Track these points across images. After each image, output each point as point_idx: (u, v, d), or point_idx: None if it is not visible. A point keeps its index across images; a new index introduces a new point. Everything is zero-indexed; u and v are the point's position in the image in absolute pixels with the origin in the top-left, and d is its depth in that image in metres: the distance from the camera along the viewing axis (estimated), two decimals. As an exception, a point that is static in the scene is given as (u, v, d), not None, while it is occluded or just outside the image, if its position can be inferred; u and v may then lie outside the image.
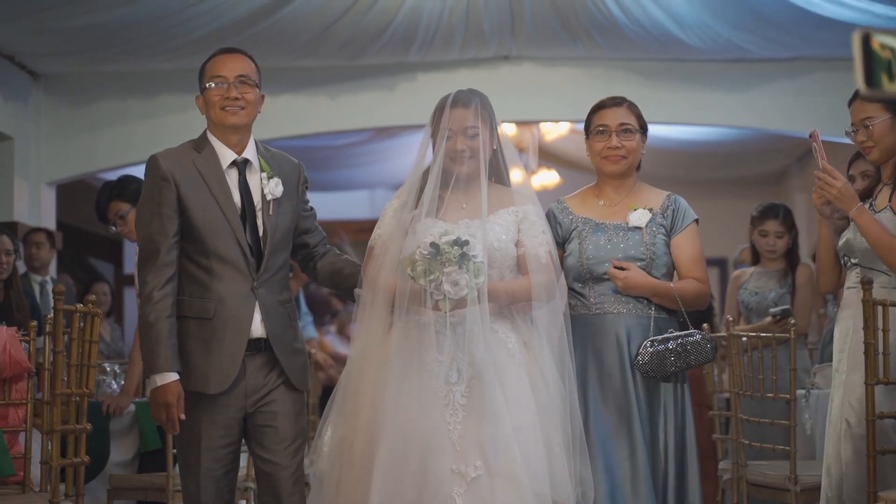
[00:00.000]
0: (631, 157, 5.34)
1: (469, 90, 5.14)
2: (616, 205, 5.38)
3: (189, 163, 5.06)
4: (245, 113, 5.09)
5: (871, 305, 5.19)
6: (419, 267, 4.73)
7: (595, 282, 5.25)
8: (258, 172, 5.11)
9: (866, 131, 5.38)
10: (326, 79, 11.26)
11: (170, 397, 4.85)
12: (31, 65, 11.05)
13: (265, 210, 5.08)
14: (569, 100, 11.18)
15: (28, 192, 11.12)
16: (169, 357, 4.86)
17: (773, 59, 11.33)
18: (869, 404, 5.19)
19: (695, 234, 5.35)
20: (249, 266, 5.00)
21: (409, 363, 4.80)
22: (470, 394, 4.74)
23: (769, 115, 11.66)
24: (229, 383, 4.93)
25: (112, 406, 7.15)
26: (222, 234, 4.98)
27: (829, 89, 11.12)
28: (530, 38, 10.88)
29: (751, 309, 8.23)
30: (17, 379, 5.59)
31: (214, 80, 5.13)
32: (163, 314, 4.87)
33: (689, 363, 5.15)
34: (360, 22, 10.14)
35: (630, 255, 5.23)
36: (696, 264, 5.30)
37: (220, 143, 5.12)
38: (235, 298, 4.98)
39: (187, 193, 4.98)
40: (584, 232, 5.32)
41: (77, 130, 11.38)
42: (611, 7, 9.92)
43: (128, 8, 9.52)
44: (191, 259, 5.01)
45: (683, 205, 5.38)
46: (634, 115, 5.38)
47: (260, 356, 5.02)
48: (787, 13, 10.00)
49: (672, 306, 5.24)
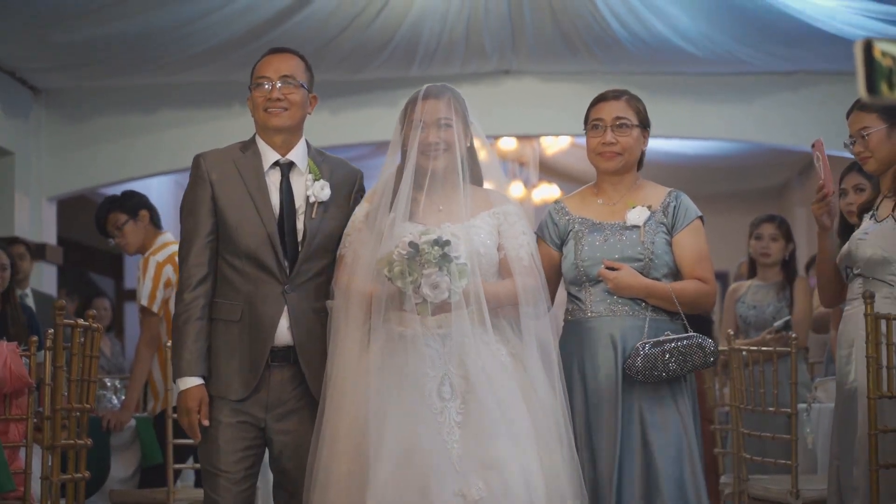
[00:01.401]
0: (627, 153, 5.07)
1: (441, 84, 4.95)
2: (615, 203, 5.12)
3: (230, 162, 4.97)
4: (288, 115, 4.97)
5: (873, 319, 5.18)
6: (396, 268, 4.47)
7: (591, 284, 5.01)
8: (304, 175, 4.98)
9: (863, 141, 5.39)
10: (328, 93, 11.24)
11: (190, 402, 4.77)
12: (31, 80, 11.05)
13: (308, 213, 4.93)
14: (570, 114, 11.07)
15: (29, 207, 11.12)
16: (192, 361, 4.77)
17: (774, 72, 11.33)
18: (872, 418, 5.18)
19: (698, 232, 5.08)
20: (282, 268, 4.84)
21: (396, 379, 4.53)
22: (466, 410, 4.50)
23: (770, 128, 11.66)
24: (250, 390, 4.80)
25: (113, 421, 7.14)
26: (254, 233, 4.85)
27: (830, 102, 11.10)
28: (531, 53, 10.88)
29: (749, 323, 8.21)
30: (17, 394, 5.57)
31: (258, 80, 4.99)
32: (192, 316, 4.80)
33: (686, 368, 4.89)
34: (361, 37, 10.15)
35: (627, 256, 4.98)
36: (700, 263, 5.03)
37: (264, 145, 5.01)
38: (263, 301, 4.84)
39: (223, 192, 4.90)
40: (580, 233, 5.08)
41: (78, 145, 11.38)
42: (610, 21, 9.92)
43: (128, 23, 9.53)
44: (225, 260, 4.90)
45: (686, 201, 5.12)
46: (633, 108, 5.11)
47: (287, 368, 4.84)
48: (789, 26, 10.00)
49: (670, 308, 4.97)
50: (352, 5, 9.61)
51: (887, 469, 5.21)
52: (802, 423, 6.73)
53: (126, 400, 7.35)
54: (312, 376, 4.80)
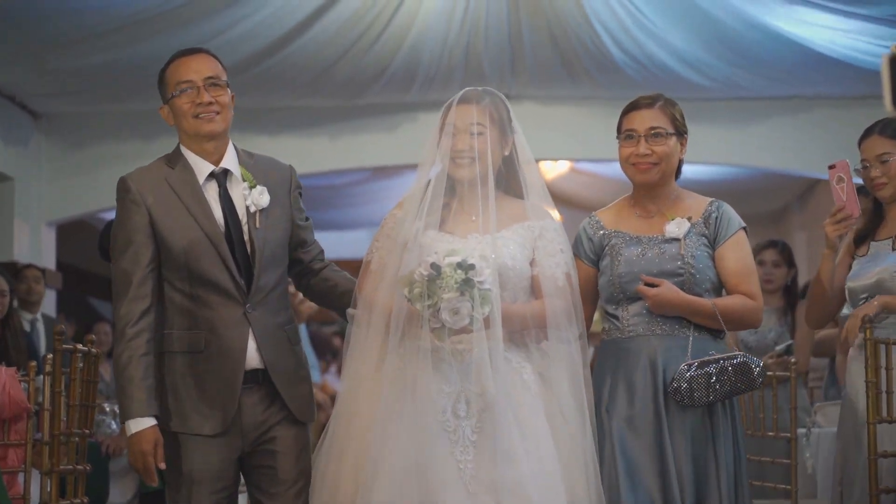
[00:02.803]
0: (664, 163, 4.75)
1: (483, 88, 4.65)
2: (653, 216, 4.81)
3: (161, 180, 4.58)
4: (221, 118, 4.61)
5: (873, 344, 5.17)
6: (416, 289, 4.22)
7: (629, 302, 4.69)
8: (241, 182, 4.60)
9: (883, 167, 5.32)
10: (327, 118, 11.28)
11: (145, 445, 4.39)
12: (31, 105, 11.07)
13: (251, 224, 4.56)
14: (569, 138, 11.19)
15: (28, 232, 11.13)
16: (143, 400, 4.38)
17: (772, 97, 11.36)
18: (871, 443, 5.17)
19: (742, 244, 4.79)
20: (239, 288, 4.48)
21: (408, 394, 4.29)
22: (481, 429, 4.26)
23: (768, 153, 11.68)
24: (229, 422, 4.45)
25: (112, 446, 7.14)
26: (204, 255, 4.47)
27: (828, 127, 11.15)
28: (530, 77, 10.90)
29: (750, 347, 8.18)
30: (16, 419, 5.56)
31: (181, 86, 4.61)
32: (136, 352, 4.41)
33: (733, 390, 4.58)
34: (360, 62, 10.17)
35: (666, 270, 4.65)
36: (745, 278, 4.72)
37: (194, 156, 4.62)
38: (227, 326, 4.47)
39: (161, 215, 4.51)
40: (616, 247, 4.75)
41: (77, 170, 11.40)
42: (609, 46, 9.94)
43: (128, 49, 9.56)
44: (174, 287, 4.52)
45: (728, 211, 4.86)
46: (668, 115, 4.81)
47: (258, 390, 4.52)
48: (786, 51, 10.03)
49: (714, 325, 4.66)
50: (350, 31, 9.63)
51: (888, 494, 5.20)
52: (802, 447, 6.72)
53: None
54: (291, 396, 4.56)
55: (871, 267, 5.36)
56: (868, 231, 5.47)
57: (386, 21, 9.60)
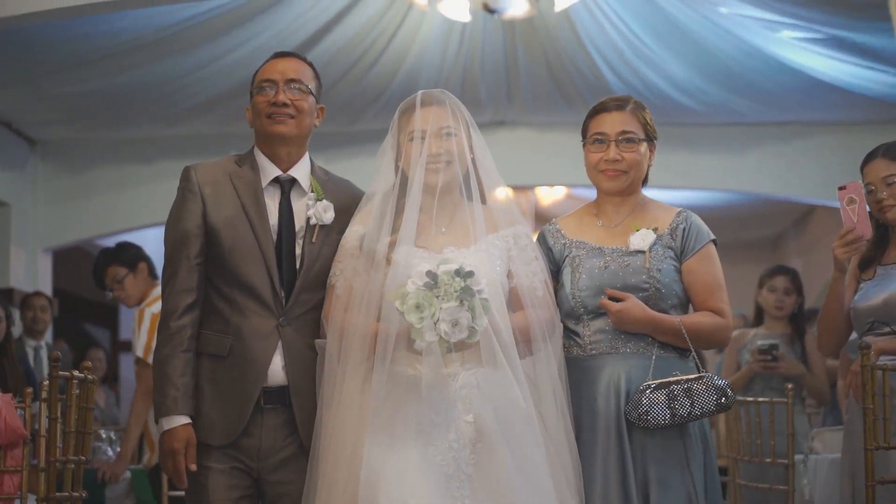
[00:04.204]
0: (633, 171, 4.51)
1: (439, 90, 4.40)
2: (616, 225, 4.54)
3: (224, 176, 4.41)
4: (295, 123, 4.40)
5: (869, 370, 5.17)
6: (411, 300, 3.90)
7: (590, 317, 4.40)
8: (306, 194, 4.42)
9: (889, 189, 5.30)
10: (323, 144, 11.27)
11: (176, 444, 4.20)
12: (28, 131, 11.09)
13: (307, 237, 4.36)
14: (565, 164, 11.18)
15: (24, 258, 11.12)
16: (178, 398, 4.20)
17: (769, 122, 11.38)
18: (869, 469, 5.16)
19: (711, 258, 4.49)
20: (277, 299, 4.28)
21: (396, 426, 3.98)
22: (477, 461, 3.95)
23: (765, 179, 11.70)
24: (235, 435, 4.24)
25: (108, 473, 7.12)
26: (250, 258, 4.29)
27: (824, 153, 11.18)
28: (526, 104, 10.93)
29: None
30: (12, 446, 5.55)
31: (262, 84, 4.43)
32: (177, 348, 4.24)
33: (697, 412, 4.27)
34: (356, 88, 10.19)
35: (630, 285, 4.37)
36: (713, 293, 4.44)
37: (264, 158, 4.45)
38: (255, 336, 4.26)
39: (216, 209, 4.34)
40: (577, 258, 4.47)
41: (74, 197, 11.40)
42: (605, 72, 9.96)
43: (125, 75, 9.57)
44: (215, 287, 4.34)
45: (697, 222, 4.54)
46: (640, 120, 4.56)
47: (282, 412, 4.27)
48: (782, 77, 10.05)
49: (681, 344, 4.37)
50: (346, 57, 9.65)
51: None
52: (800, 473, 6.71)
53: (121, 451, 7.33)
54: (304, 421, 4.24)
55: (878, 290, 5.33)
56: (874, 255, 5.44)
57: (382, 47, 9.63)
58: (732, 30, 9.33)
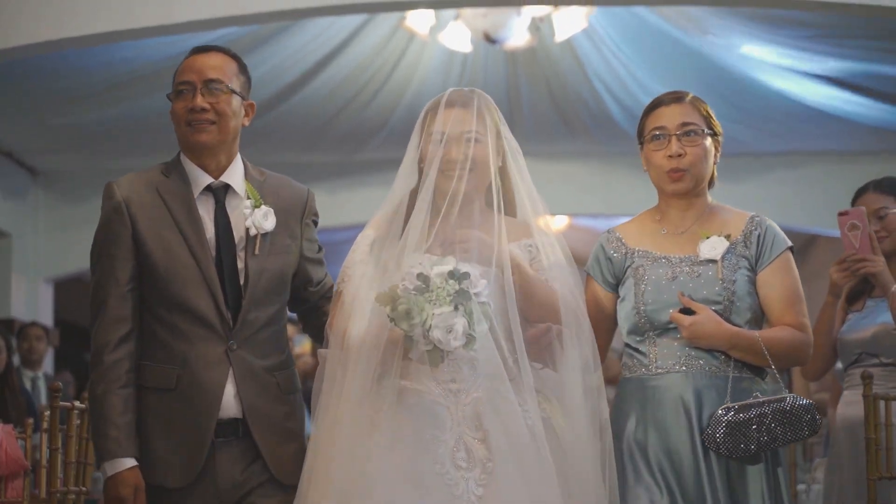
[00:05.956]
0: (697, 168, 4.03)
1: (469, 89, 4.02)
2: (682, 232, 4.07)
3: (152, 189, 3.96)
4: (217, 129, 3.94)
5: (871, 400, 5.15)
6: (401, 306, 3.49)
7: (657, 334, 3.96)
8: (244, 200, 3.97)
9: (881, 221, 5.33)
10: (325, 174, 11.30)
11: (122, 490, 3.78)
12: (29, 161, 11.10)
13: (249, 249, 3.92)
14: (567, 194, 11.20)
15: (25, 288, 11.13)
16: (121, 439, 3.77)
17: (771, 152, 11.39)
18: (871, 498, 5.14)
19: (789, 267, 4.05)
20: (224, 322, 3.84)
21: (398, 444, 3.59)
22: (487, 482, 3.54)
23: (767, 208, 11.64)
24: (194, 476, 3.80)
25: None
26: (189, 280, 3.84)
27: (826, 183, 11.19)
28: (528, 133, 10.93)
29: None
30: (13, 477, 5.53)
31: (179, 87, 3.97)
32: (113, 384, 3.79)
33: (779, 439, 3.85)
34: (359, 117, 10.21)
35: (702, 297, 3.91)
36: (792, 306, 3.98)
37: (192, 166, 3.98)
38: (203, 364, 3.82)
39: (146, 228, 3.89)
40: (641, 269, 4.01)
41: (75, 227, 11.39)
42: (608, 102, 9.98)
43: (126, 105, 9.59)
44: (153, 313, 3.88)
45: (773, 228, 4.13)
46: (701, 112, 4.09)
47: (237, 443, 3.84)
48: (783, 106, 10.07)
49: (759, 362, 3.92)
50: (348, 87, 9.68)
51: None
52: (803, 504, 6.69)
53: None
54: (270, 452, 3.86)
55: (867, 322, 5.34)
56: (863, 289, 5.45)
57: (384, 77, 9.65)
58: (734, 60, 9.35)
